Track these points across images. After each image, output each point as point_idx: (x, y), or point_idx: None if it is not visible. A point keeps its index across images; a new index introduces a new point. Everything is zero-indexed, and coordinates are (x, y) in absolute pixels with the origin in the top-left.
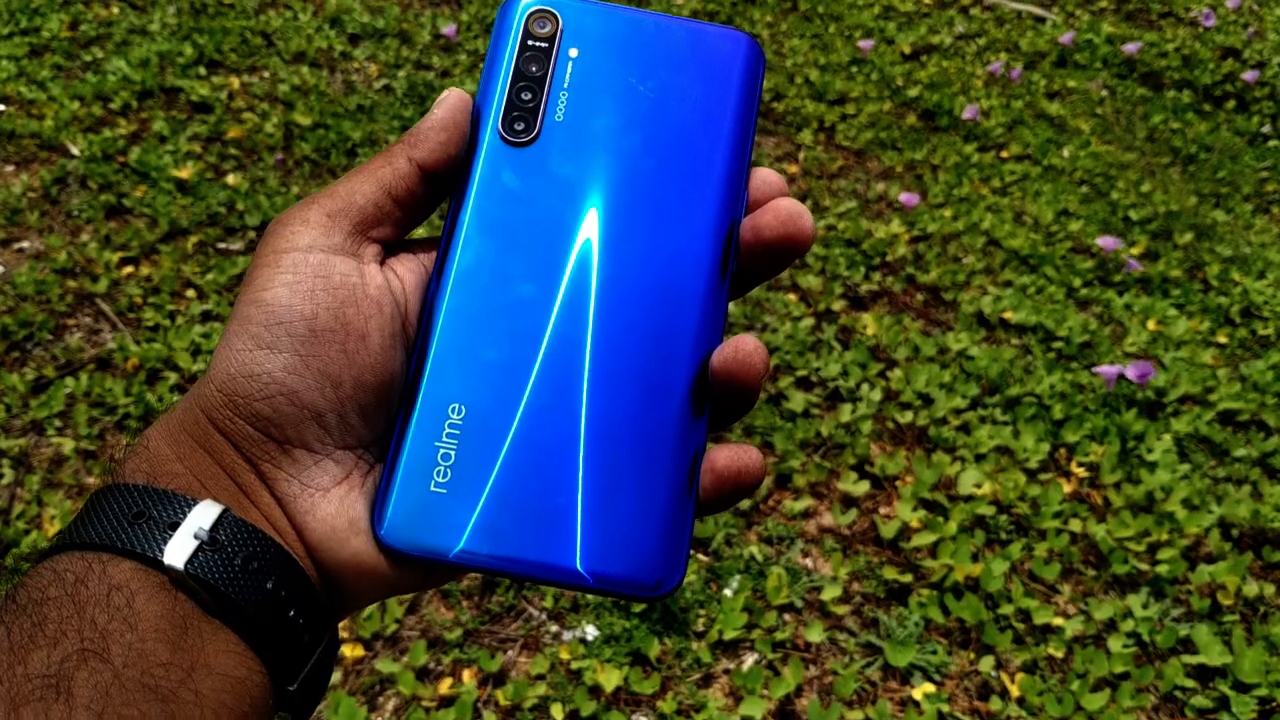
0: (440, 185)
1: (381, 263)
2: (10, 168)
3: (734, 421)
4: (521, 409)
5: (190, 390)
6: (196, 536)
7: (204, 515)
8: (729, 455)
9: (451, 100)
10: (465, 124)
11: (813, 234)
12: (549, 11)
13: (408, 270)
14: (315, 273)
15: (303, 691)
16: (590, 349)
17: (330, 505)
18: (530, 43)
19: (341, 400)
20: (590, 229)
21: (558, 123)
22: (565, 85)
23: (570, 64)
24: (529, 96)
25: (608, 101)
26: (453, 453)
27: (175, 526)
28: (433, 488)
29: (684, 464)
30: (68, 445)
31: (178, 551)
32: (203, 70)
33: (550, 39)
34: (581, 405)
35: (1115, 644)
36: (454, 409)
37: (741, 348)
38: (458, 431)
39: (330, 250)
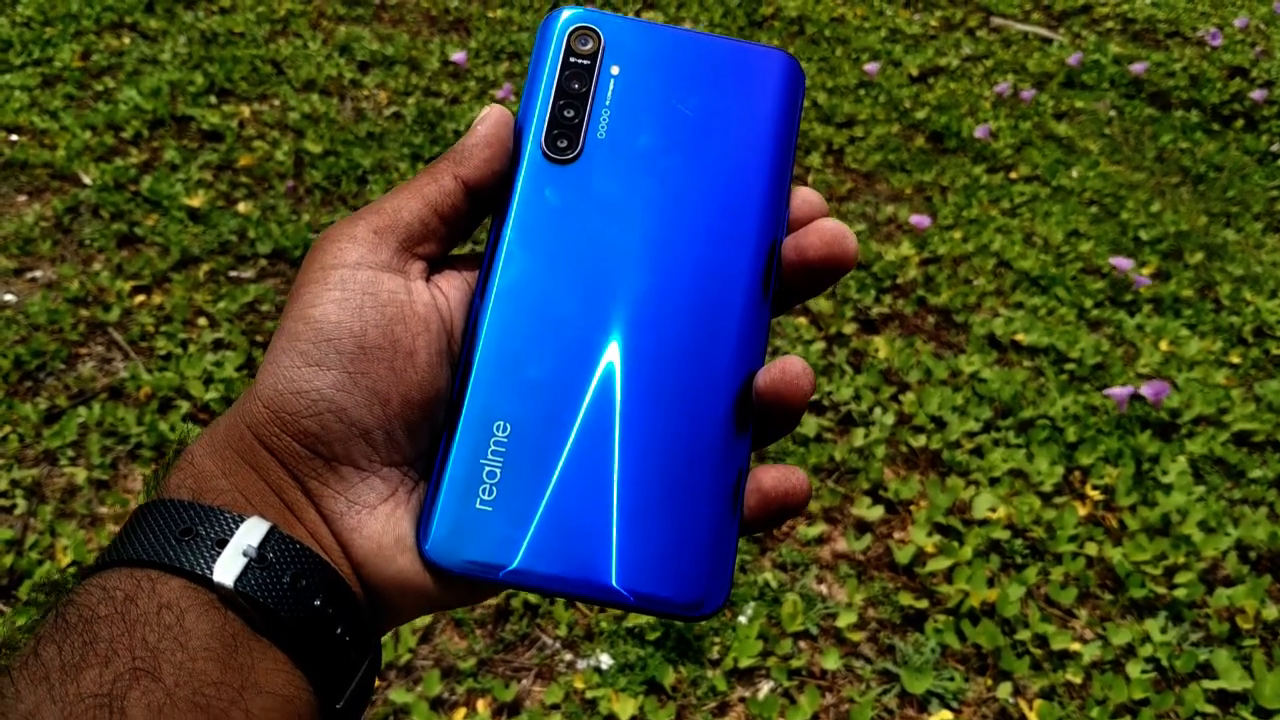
0: (484, 202)
1: (427, 279)
2: (23, 197)
3: (774, 441)
4: (565, 427)
5: (234, 406)
6: (245, 554)
7: (252, 532)
8: (776, 476)
9: (494, 117)
10: (508, 140)
11: (856, 254)
12: (591, 29)
13: (452, 287)
14: (363, 289)
15: (348, 709)
16: (634, 366)
17: (376, 522)
18: (572, 60)
19: (389, 417)
20: (633, 246)
21: (600, 140)
22: (607, 103)
23: (612, 81)
24: (571, 114)
25: (650, 119)
26: (498, 470)
27: (223, 543)
28: (478, 505)
29: (728, 483)
30: (80, 475)
31: (227, 569)
32: (214, 99)
33: (592, 56)
34: (625, 424)
35: (1134, 669)
36: (499, 426)
37: (789, 369)
38: (503, 449)
39: (378, 267)
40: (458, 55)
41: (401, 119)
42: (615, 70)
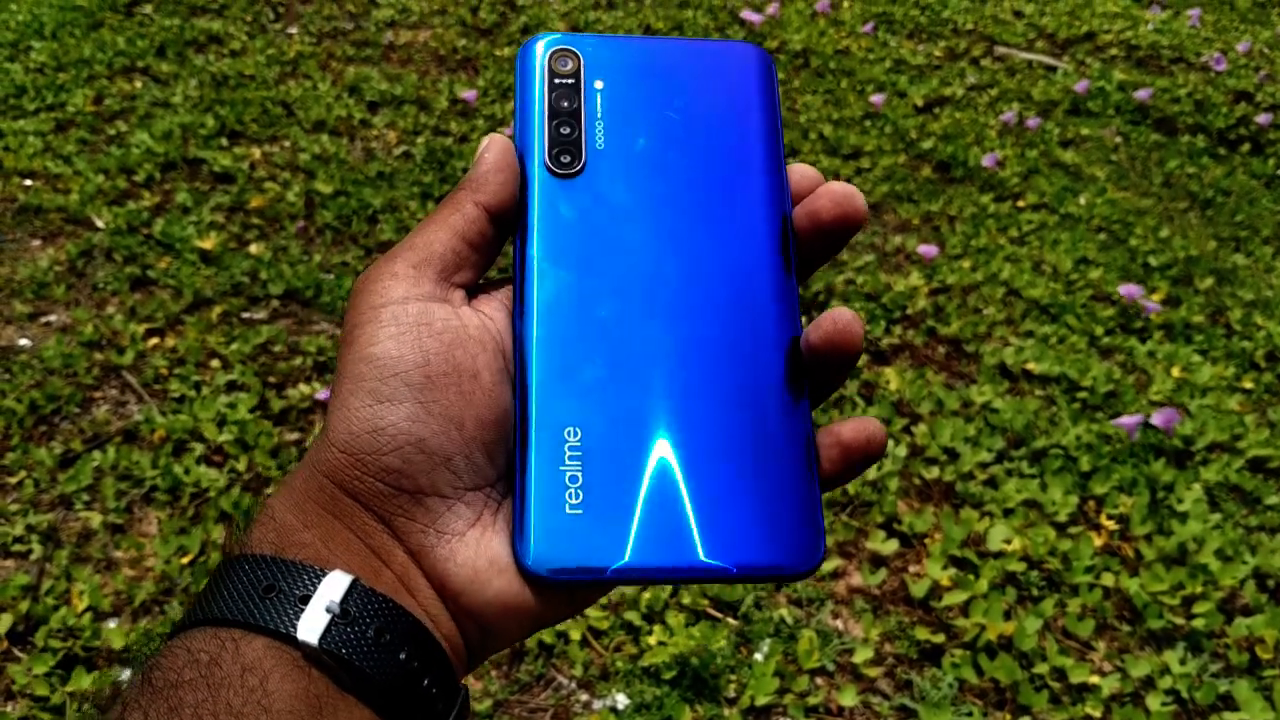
0: (506, 225)
1: (469, 305)
2: (37, 242)
3: (829, 395)
4: (634, 421)
5: (307, 459)
6: (328, 610)
7: (334, 587)
8: (854, 426)
9: (497, 144)
10: (515, 164)
11: (866, 211)
12: (569, 49)
13: (493, 309)
14: (417, 321)
15: None
16: (686, 353)
17: (469, 548)
18: (557, 81)
19: (467, 441)
20: (655, 242)
21: (600, 150)
22: (599, 115)
23: (599, 95)
24: (568, 130)
25: (642, 124)
26: (579, 474)
27: (306, 600)
28: (568, 510)
29: (799, 444)
30: (96, 519)
31: (311, 626)
32: (225, 141)
33: (574, 74)
34: (691, 408)
35: (1154, 702)
36: (569, 432)
37: (839, 318)
38: (579, 453)
39: (424, 298)
40: (467, 94)
41: (411, 158)
42: (599, 85)
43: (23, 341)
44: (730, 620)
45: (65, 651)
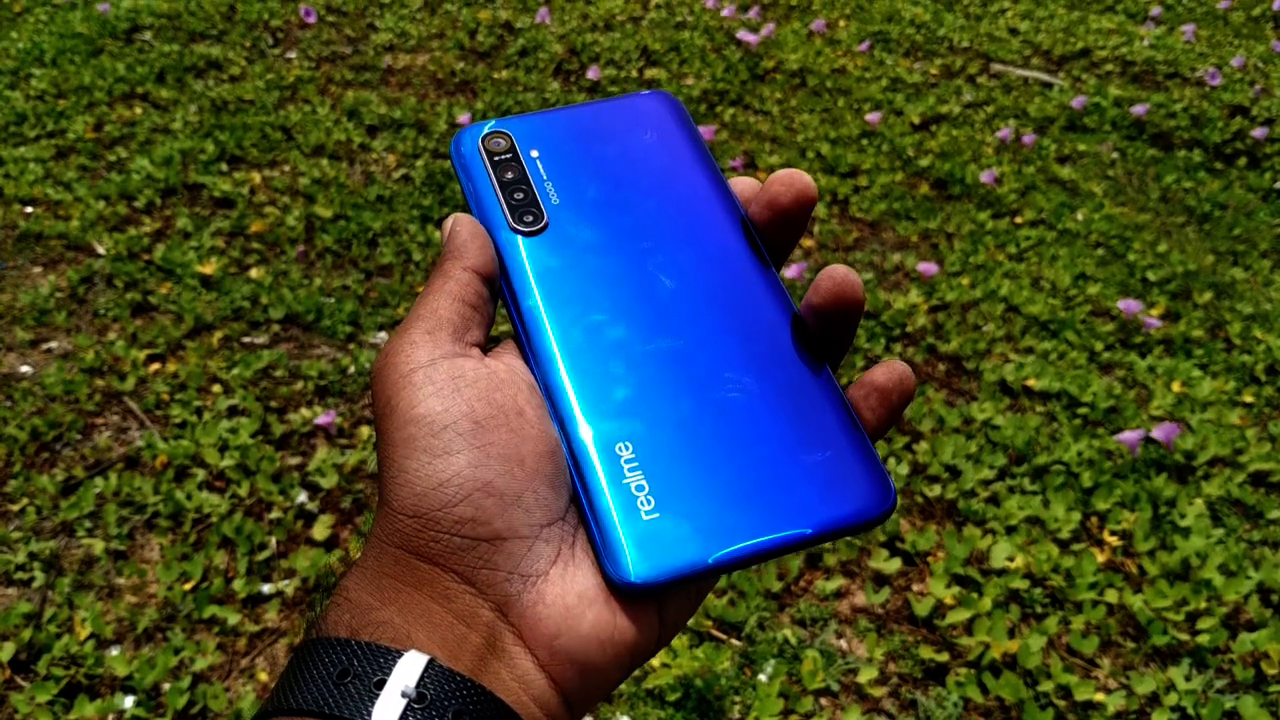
0: (493, 287)
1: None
2: (38, 269)
3: (842, 357)
4: (679, 422)
5: (372, 536)
6: (404, 694)
7: (410, 669)
8: (884, 371)
9: (461, 219)
10: (484, 232)
11: (814, 186)
12: (499, 131)
13: (509, 358)
14: (449, 376)
15: None
16: (704, 352)
17: (554, 586)
18: (496, 158)
19: (530, 476)
20: (637, 265)
21: (557, 205)
22: (544, 178)
23: (537, 162)
24: (521, 195)
25: (586, 176)
26: (644, 482)
27: (382, 684)
28: (645, 517)
29: (838, 402)
30: (98, 546)
31: (386, 714)
32: (224, 166)
33: (510, 150)
34: (725, 397)
35: (1160, 719)
36: (621, 447)
37: (835, 273)
38: (636, 464)
39: (448, 356)
40: (464, 117)
41: (410, 181)
42: (535, 153)
43: (24, 368)
44: (734, 641)
45: (68, 679)
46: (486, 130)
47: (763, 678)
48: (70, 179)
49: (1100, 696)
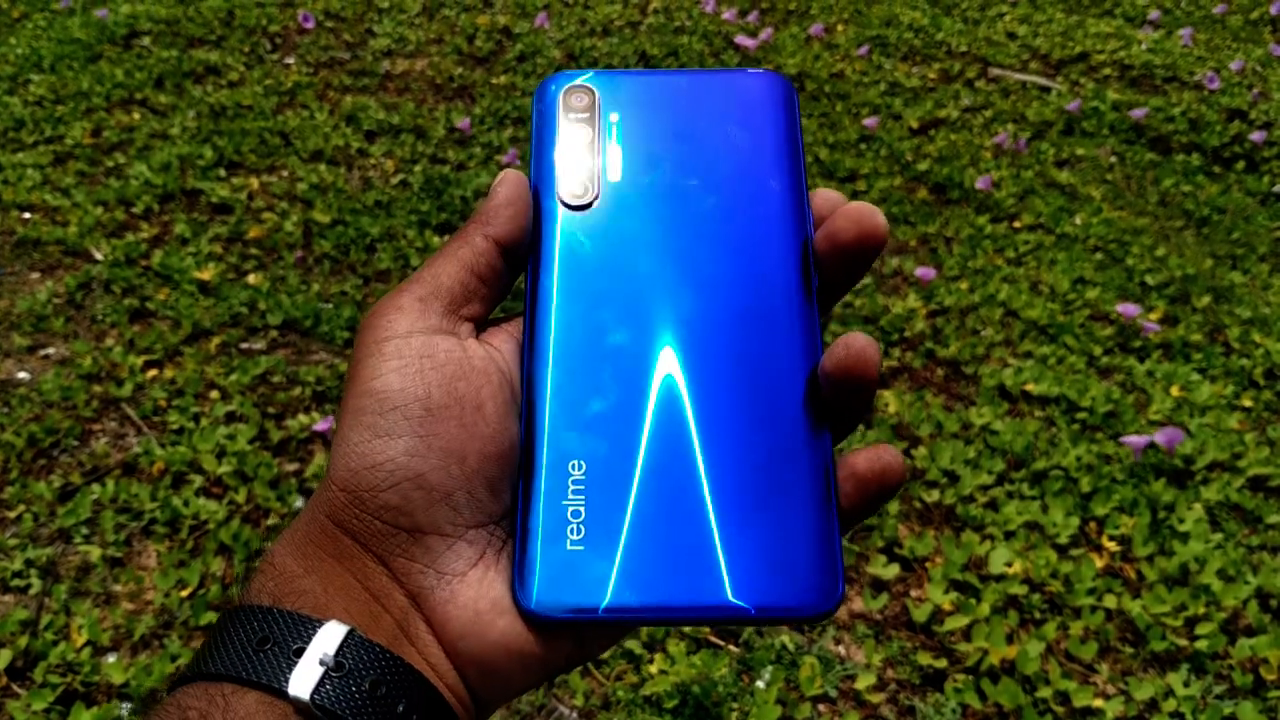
0: (516, 259)
1: (476, 338)
2: (35, 275)
3: (853, 427)
4: (642, 454)
5: (311, 500)
6: (322, 663)
7: (329, 638)
8: (868, 457)
9: (510, 179)
10: (528, 198)
11: (886, 230)
12: (584, 86)
13: (502, 342)
14: (420, 354)
15: None
16: (700, 384)
17: (469, 589)
18: (572, 115)
19: (468, 476)
20: (669, 271)
21: (614, 182)
22: (613, 147)
23: (613, 128)
24: (581, 161)
25: (658, 154)
26: (582, 509)
27: (300, 652)
28: (569, 547)
29: (819, 479)
30: (95, 553)
31: (303, 681)
32: (223, 172)
33: (589, 109)
34: (703, 440)
35: None
36: (574, 465)
37: (853, 344)
38: (582, 486)
39: (429, 331)
40: (462, 122)
41: (408, 186)
42: (615, 118)
43: (21, 374)
44: (732, 648)
45: (64, 687)
46: (574, 83)
47: (760, 684)
48: (68, 185)
49: (1099, 702)
